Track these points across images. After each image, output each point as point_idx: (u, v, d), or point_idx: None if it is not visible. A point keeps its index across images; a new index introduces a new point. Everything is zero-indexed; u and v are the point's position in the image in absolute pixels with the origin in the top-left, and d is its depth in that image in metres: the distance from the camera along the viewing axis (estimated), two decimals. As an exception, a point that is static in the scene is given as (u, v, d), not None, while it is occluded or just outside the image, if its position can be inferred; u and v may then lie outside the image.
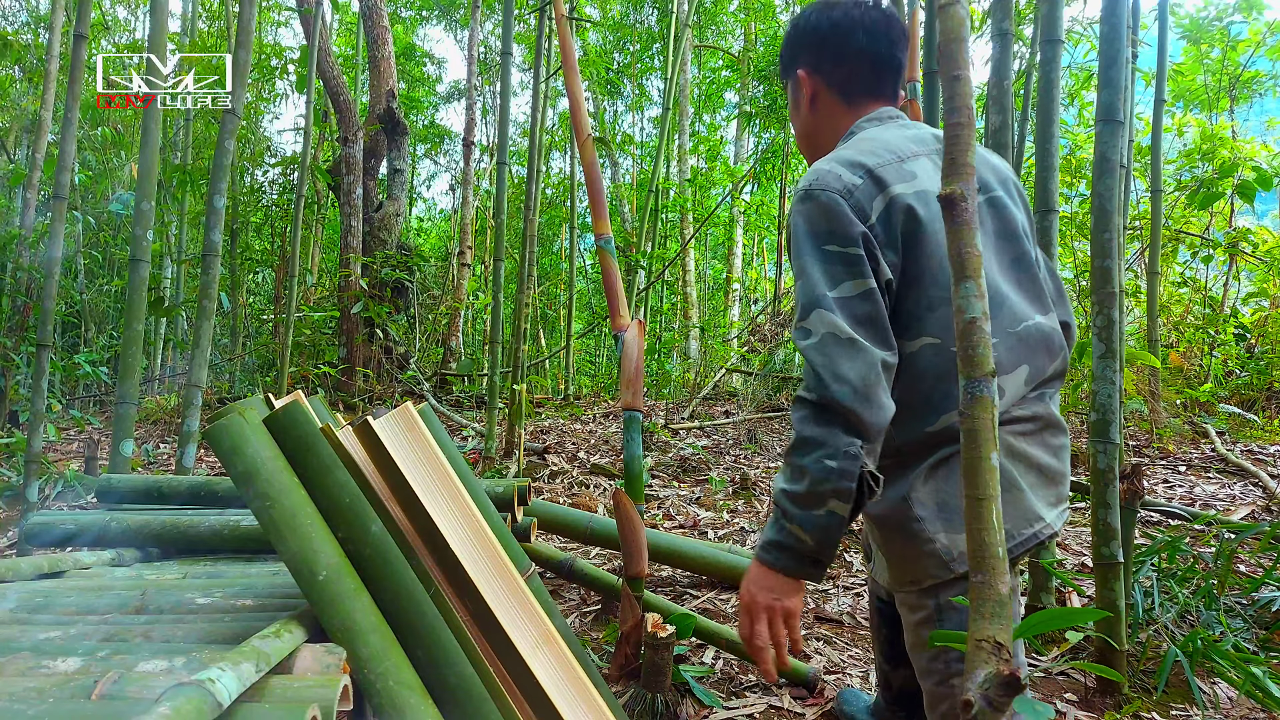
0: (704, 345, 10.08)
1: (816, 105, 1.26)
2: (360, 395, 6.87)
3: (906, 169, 1.07)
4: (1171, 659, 1.83)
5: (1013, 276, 1.12)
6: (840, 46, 1.22)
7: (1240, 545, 2.77)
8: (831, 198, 1.03)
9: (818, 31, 1.24)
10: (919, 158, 1.10)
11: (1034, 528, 1.08)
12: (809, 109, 1.27)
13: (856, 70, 1.23)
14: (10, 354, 5.04)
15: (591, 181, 2.16)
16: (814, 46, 1.24)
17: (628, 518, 1.94)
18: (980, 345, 0.72)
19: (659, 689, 1.75)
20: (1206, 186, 5.27)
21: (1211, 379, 5.75)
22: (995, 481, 0.69)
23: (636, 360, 2.02)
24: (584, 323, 11.93)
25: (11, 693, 0.95)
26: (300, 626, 1.17)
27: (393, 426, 1.34)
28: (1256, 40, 6.98)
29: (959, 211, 0.76)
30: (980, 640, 0.63)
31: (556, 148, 12.28)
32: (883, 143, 1.11)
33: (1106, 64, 1.93)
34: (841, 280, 1.00)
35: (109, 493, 2.14)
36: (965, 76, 0.80)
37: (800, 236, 1.05)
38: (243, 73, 3.06)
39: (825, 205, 1.03)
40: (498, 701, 1.21)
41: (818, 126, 1.27)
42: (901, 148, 1.10)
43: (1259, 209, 6.98)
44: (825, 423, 0.97)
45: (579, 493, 4.21)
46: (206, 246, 3.02)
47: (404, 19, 14.38)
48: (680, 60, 7.54)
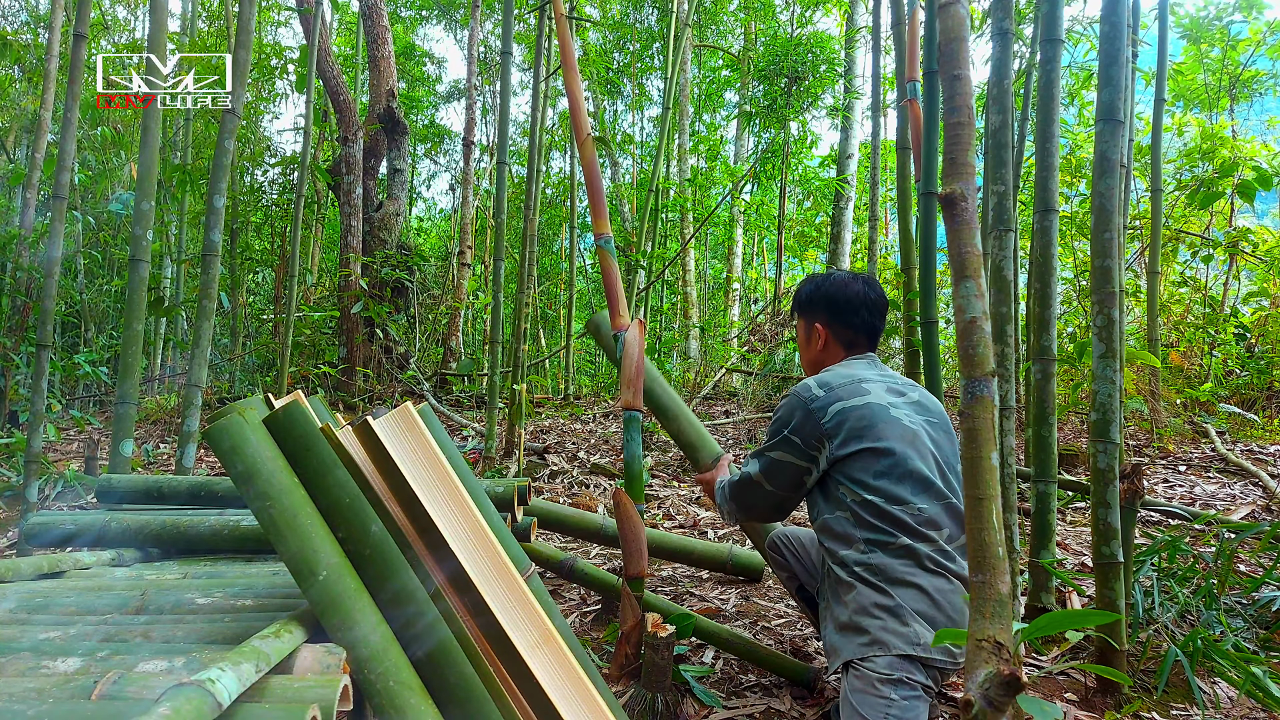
0: (704, 345, 10.08)
1: (826, 349, 1.76)
2: (360, 395, 6.87)
3: (862, 388, 1.58)
4: (1172, 659, 1.83)
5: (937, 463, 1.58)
6: (851, 315, 1.72)
7: (1240, 545, 2.77)
8: (800, 400, 1.59)
9: (836, 301, 1.73)
10: (876, 383, 1.61)
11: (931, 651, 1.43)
12: (820, 349, 1.77)
13: (857, 333, 1.74)
14: (10, 354, 5.04)
15: (591, 181, 2.15)
16: (831, 310, 1.74)
17: (628, 518, 1.94)
18: (980, 345, 0.72)
19: (659, 689, 1.75)
20: (1206, 186, 5.27)
21: (1211, 379, 5.75)
22: (995, 481, 0.69)
23: (637, 360, 2.02)
24: (584, 322, 11.92)
25: (11, 693, 0.95)
26: (300, 626, 1.17)
27: (392, 426, 1.34)
28: (1256, 39, 6.98)
29: (959, 211, 0.76)
30: (980, 640, 0.63)
31: (556, 147, 12.28)
32: (850, 374, 1.64)
33: (1107, 63, 1.93)
34: (776, 449, 1.61)
35: (109, 493, 2.14)
36: (965, 76, 0.80)
37: (779, 416, 1.63)
38: (242, 72, 3.06)
39: (792, 405, 1.61)
40: (498, 701, 1.21)
41: (822, 360, 1.77)
42: (863, 375, 1.63)
43: (1259, 208, 6.99)
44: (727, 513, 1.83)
45: (579, 493, 4.21)
46: (206, 246, 3.02)
47: (404, 19, 14.38)
48: (680, 60, 7.54)
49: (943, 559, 1.47)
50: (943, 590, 1.45)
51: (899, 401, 1.59)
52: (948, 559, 1.47)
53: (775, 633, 2.33)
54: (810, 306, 1.78)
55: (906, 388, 1.67)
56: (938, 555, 1.46)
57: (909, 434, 1.54)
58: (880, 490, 1.48)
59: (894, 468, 1.50)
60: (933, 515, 1.49)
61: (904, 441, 1.52)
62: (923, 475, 1.51)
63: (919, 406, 1.63)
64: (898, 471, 1.50)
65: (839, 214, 8.12)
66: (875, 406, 1.55)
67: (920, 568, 1.45)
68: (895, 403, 1.58)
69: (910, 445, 1.52)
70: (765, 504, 1.68)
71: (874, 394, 1.57)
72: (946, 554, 1.48)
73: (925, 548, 1.46)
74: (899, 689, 1.38)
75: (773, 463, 1.62)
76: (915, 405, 1.62)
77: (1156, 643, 2.06)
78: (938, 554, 1.46)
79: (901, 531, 1.46)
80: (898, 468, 1.50)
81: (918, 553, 1.45)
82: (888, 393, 1.60)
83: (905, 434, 1.53)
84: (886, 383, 1.63)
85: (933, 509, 1.49)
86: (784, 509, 1.68)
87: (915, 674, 1.39)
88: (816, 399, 1.57)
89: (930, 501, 1.50)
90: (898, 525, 1.47)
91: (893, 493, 1.48)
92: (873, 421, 1.53)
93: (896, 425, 1.54)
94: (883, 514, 1.48)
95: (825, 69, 7.52)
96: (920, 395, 1.67)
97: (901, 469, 1.50)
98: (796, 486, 1.61)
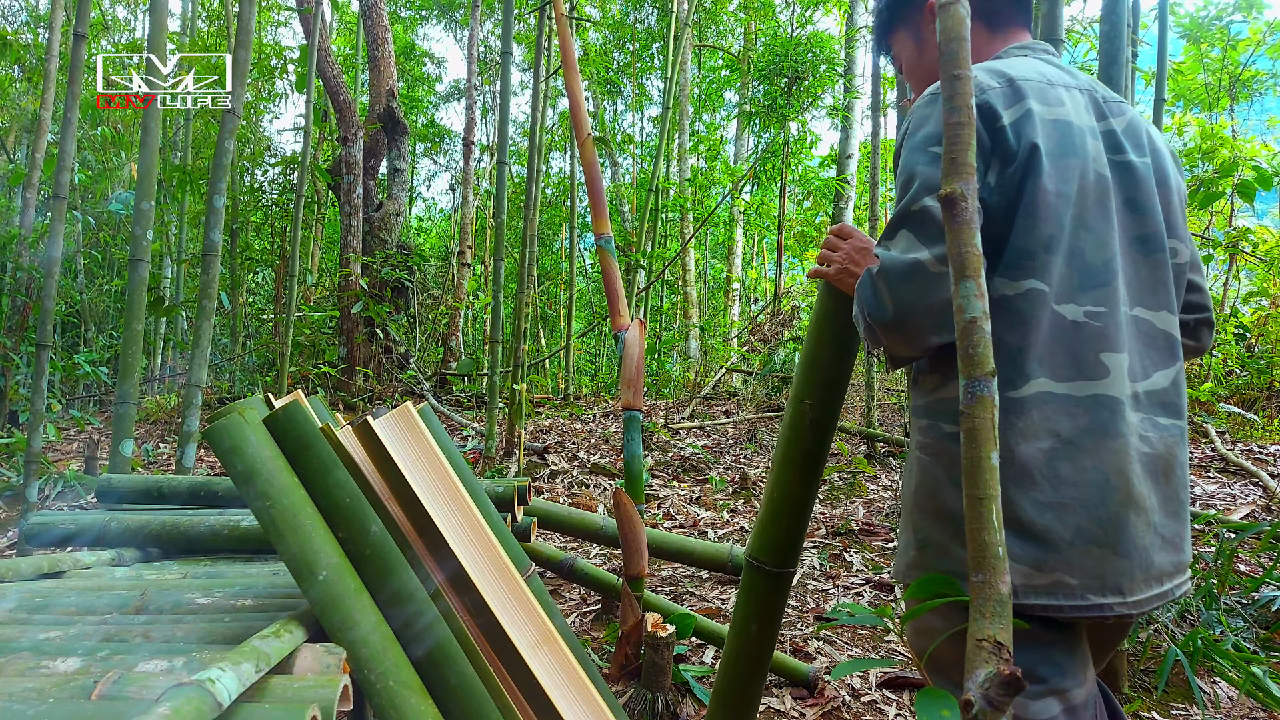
0: (704, 345, 10.08)
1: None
2: (360, 395, 6.87)
3: (1053, 94, 0.98)
4: (1172, 659, 1.83)
5: (1130, 258, 0.97)
6: None
7: (1240, 545, 2.77)
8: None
9: None
10: (1071, 89, 1.01)
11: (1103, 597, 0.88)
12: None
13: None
14: (10, 354, 5.04)
15: (591, 181, 2.16)
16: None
17: (628, 518, 1.94)
18: (980, 345, 0.72)
19: (659, 689, 1.75)
20: (1206, 186, 5.27)
21: (1211, 378, 5.75)
22: (995, 481, 0.69)
23: (637, 360, 2.02)
24: (584, 322, 11.94)
25: (11, 693, 0.95)
26: (300, 626, 1.17)
27: (392, 426, 1.34)
28: (1256, 39, 6.98)
29: (959, 211, 0.76)
30: (980, 640, 0.63)
31: (556, 147, 12.28)
32: (1031, 66, 1.01)
33: (1106, 63, 1.93)
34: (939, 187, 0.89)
35: (109, 493, 2.14)
36: (965, 76, 0.80)
37: (909, 134, 0.97)
38: (242, 72, 3.06)
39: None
40: (498, 701, 1.21)
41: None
42: (1052, 75, 1.01)
43: (1259, 208, 6.99)
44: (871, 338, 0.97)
45: (579, 492, 4.21)
46: (206, 246, 3.02)
47: (404, 19, 14.38)
48: (680, 60, 7.54)
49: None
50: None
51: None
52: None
53: (775, 633, 2.33)
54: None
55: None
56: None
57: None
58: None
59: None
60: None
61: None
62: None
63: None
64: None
65: (839, 214, 8.12)
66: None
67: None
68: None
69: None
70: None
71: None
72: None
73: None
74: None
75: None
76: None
77: (1156, 642, 2.06)
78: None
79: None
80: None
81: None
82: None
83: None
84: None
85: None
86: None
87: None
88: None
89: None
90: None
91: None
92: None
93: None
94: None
95: (825, 69, 7.53)
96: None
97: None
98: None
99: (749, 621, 1.22)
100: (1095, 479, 0.88)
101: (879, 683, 2.04)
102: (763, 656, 1.24)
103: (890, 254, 0.92)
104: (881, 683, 2.04)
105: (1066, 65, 1.06)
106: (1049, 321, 0.90)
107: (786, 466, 1.18)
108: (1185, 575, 0.96)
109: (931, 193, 0.90)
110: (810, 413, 1.15)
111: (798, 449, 1.17)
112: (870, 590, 2.77)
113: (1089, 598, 0.87)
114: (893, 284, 0.91)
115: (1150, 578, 0.90)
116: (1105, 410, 0.89)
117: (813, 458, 1.17)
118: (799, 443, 1.17)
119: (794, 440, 1.17)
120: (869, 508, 3.88)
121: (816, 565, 3.05)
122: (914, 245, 0.90)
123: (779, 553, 1.19)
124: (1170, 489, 0.94)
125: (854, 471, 4.40)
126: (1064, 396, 0.89)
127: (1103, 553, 0.87)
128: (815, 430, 1.16)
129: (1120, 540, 0.88)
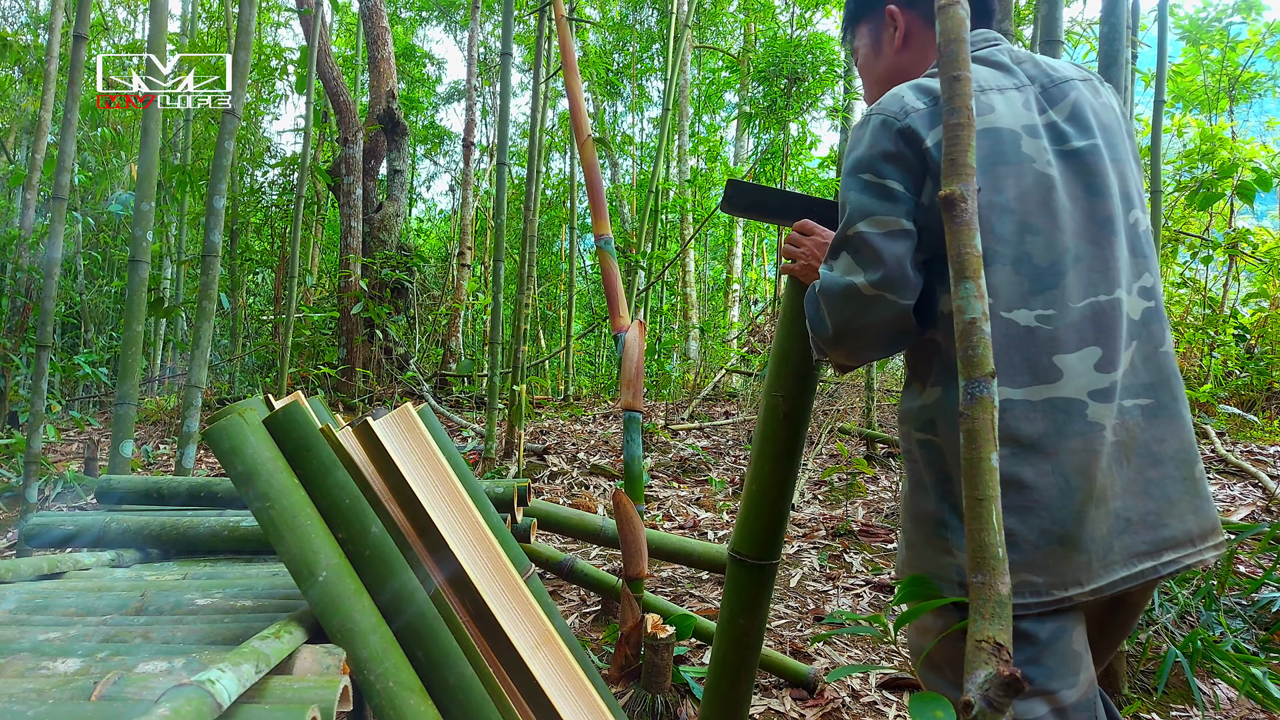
0: (704, 346, 10.08)
1: (910, 43, 1.13)
2: (360, 396, 6.87)
3: (982, 102, 0.97)
4: (1171, 659, 1.83)
5: (1092, 243, 0.96)
6: None
7: (1240, 546, 2.77)
8: (883, 119, 0.96)
9: None
10: (1006, 91, 0.99)
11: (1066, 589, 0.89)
12: (900, 48, 1.13)
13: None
14: (10, 355, 5.04)
15: (591, 182, 2.16)
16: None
17: (627, 518, 1.94)
18: (980, 345, 0.72)
19: (659, 689, 1.75)
20: (1206, 187, 5.28)
21: (1211, 379, 5.75)
22: (995, 481, 0.69)
23: (636, 361, 2.02)
24: (584, 323, 11.94)
25: (11, 693, 0.95)
26: (300, 627, 1.17)
27: (392, 427, 1.34)
28: (1256, 41, 6.99)
29: (959, 212, 0.76)
30: (980, 640, 0.63)
31: (556, 148, 12.28)
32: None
33: (1106, 64, 1.93)
34: (871, 213, 0.93)
35: (108, 493, 2.14)
36: (965, 76, 0.80)
37: (845, 157, 1.01)
38: (242, 73, 3.06)
39: (874, 129, 0.97)
40: (497, 702, 1.21)
41: (910, 66, 1.13)
42: (985, 79, 0.99)
43: (1258, 209, 6.99)
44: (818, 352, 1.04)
45: (579, 493, 4.21)
46: (206, 247, 3.02)
47: (404, 19, 14.39)
48: (680, 61, 7.55)
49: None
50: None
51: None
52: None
53: (775, 633, 2.33)
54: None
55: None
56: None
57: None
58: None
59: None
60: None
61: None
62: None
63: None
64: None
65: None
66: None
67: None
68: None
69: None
70: None
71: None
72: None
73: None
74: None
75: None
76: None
77: (1156, 643, 2.06)
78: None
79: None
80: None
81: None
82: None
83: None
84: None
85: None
86: None
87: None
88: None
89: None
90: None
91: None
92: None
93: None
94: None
95: (825, 70, 7.54)
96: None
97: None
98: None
99: (736, 615, 1.22)
100: (1055, 481, 0.89)
101: (879, 684, 2.04)
102: (752, 650, 1.24)
103: (831, 274, 0.96)
104: (881, 684, 2.04)
105: (1012, 54, 1.05)
106: (1000, 330, 0.91)
107: (764, 460, 1.18)
108: (1181, 551, 0.94)
109: (864, 219, 0.94)
110: (783, 405, 1.16)
111: (773, 442, 1.17)
112: (870, 591, 2.77)
113: (1054, 593, 0.89)
114: (831, 303, 0.96)
115: (1111, 562, 0.91)
116: (1061, 413, 0.90)
117: (788, 450, 1.18)
118: (774, 436, 1.17)
119: (769, 434, 1.18)
120: (869, 509, 3.88)
121: (816, 566, 3.05)
122: (852, 269, 0.94)
123: (760, 545, 1.20)
124: (1133, 470, 0.93)
125: (854, 472, 4.40)
126: (1021, 402, 0.90)
127: (1065, 550, 0.89)
128: (789, 422, 1.17)
129: (1080, 537, 0.89)
